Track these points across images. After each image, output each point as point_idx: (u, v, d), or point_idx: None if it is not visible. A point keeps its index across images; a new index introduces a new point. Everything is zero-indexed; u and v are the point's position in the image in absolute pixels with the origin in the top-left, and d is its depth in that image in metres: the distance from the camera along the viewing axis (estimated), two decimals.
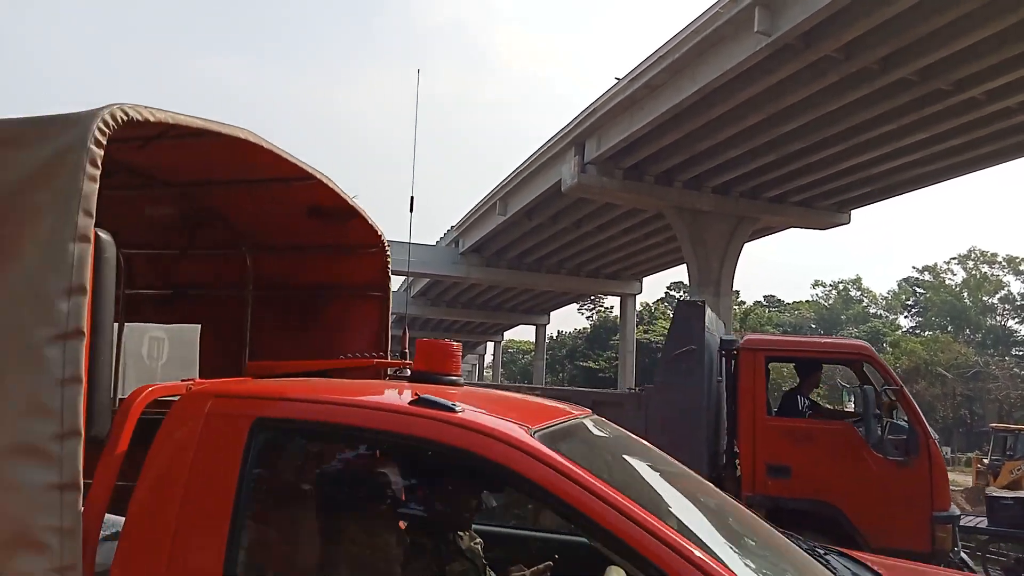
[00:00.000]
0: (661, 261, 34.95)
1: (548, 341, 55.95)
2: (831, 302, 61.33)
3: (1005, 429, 19.45)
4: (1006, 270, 53.34)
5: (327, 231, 3.28)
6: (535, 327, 51.16)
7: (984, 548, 11.41)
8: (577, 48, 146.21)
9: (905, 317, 58.38)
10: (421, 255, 32.85)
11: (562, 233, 29.87)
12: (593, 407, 2.74)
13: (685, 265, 25.43)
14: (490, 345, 66.59)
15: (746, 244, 25.13)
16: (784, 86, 16.50)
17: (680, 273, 42.69)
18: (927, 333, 50.93)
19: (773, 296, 64.51)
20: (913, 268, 60.23)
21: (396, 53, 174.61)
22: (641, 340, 44.22)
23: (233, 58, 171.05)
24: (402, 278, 23.37)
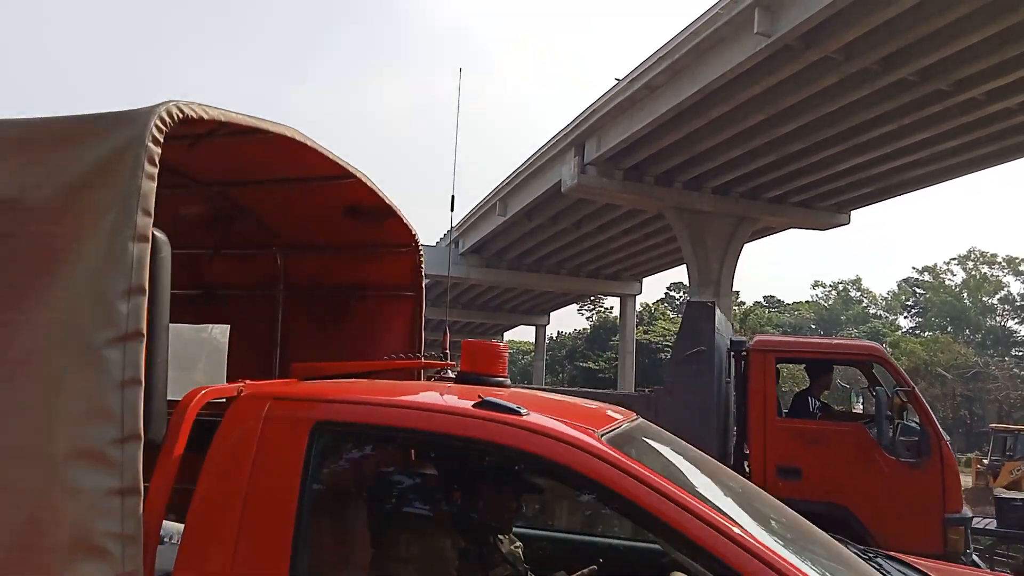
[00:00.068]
0: (661, 262, 34.95)
1: (548, 342, 55.84)
2: (831, 303, 61.32)
3: (1005, 429, 19.49)
4: (1006, 271, 53.34)
5: (362, 230, 3.24)
6: (535, 328, 51.03)
7: (991, 550, 11.39)
8: (577, 48, 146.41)
9: (905, 318, 58.41)
10: None
11: (562, 234, 29.84)
12: None
13: (685, 265, 25.44)
14: None
15: (746, 244, 25.15)
16: (784, 87, 16.50)
17: (680, 274, 42.77)
18: (927, 334, 50.85)
19: (773, 296, 64.72)
20: (913, 269, 60.08)
21: (396, 53, 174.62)
22: (641, 341, 44.23)
23: (230, 66, 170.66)
24: None
